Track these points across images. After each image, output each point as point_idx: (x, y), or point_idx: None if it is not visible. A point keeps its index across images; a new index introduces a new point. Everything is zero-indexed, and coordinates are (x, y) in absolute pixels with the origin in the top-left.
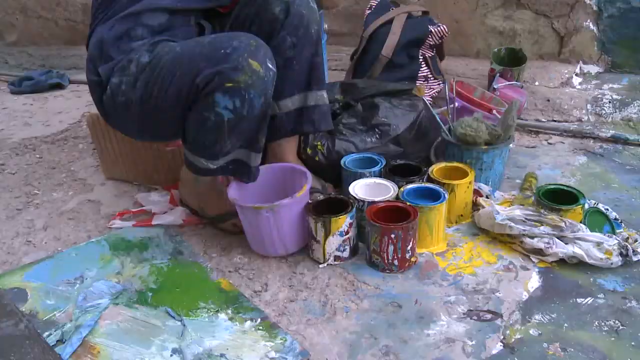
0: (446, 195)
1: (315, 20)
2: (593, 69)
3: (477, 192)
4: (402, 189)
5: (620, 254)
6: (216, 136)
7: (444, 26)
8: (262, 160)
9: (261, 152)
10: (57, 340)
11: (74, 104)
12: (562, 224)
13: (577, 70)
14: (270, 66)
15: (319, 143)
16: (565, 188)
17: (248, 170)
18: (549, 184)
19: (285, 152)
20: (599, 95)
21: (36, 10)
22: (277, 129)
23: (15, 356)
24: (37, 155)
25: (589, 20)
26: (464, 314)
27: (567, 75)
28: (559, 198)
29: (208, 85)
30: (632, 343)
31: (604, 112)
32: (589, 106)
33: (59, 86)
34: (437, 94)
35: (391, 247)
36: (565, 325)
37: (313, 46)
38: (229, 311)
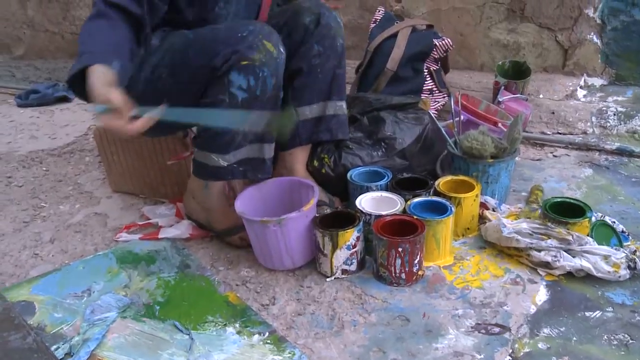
0: (453, 209)
1: (341, 34)
2: (597, 81)
3: (483, 205)
4: (408, 202)
5: (628, 267)
6: None
7: (449, 39)
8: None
9: (274, 141)
10: (65, 354)
11: (80, 117)
12: (569, 237)
13: (582, 83)
14: (282, 50)
15: (325, 156)
16: (571, 201)
17: (262, 164)
18: (555, 197)
19: (295, 162)
20: (604, 108)
21: (43, 24)
22: (292, 137)
23: None
24: (44, 168)
25: (592, 33)
26: (472, 327)
27: (571, 88)
28: (565, 211)
29: (225, 64)
30: None
31: (608, 124)
32: (593, 119)
33: (65, 99)
34: (442, 107)
35: (398, 261)
36: (574, 339)
37: (337, 58)
38: (237, 325)
